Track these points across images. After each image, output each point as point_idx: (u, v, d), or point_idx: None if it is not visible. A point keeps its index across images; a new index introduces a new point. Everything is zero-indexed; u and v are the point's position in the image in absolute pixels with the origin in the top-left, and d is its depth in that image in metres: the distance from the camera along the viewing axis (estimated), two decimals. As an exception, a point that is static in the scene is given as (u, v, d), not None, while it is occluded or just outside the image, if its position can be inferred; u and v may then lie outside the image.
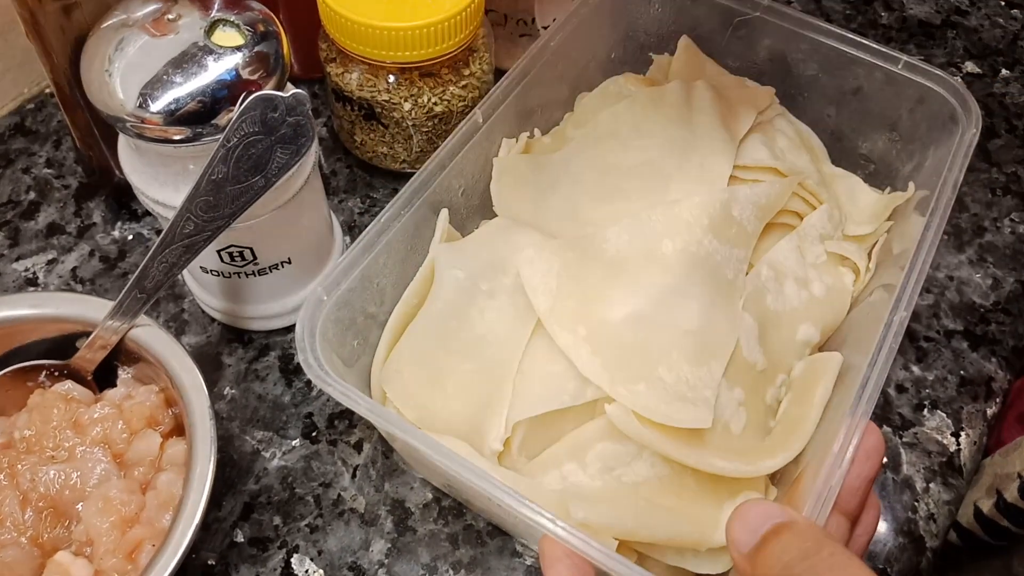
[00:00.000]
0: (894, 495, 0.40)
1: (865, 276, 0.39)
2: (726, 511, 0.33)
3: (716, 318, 0.34)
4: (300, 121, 0.33)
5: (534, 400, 0.33)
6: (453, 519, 0.38)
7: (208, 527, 0.38)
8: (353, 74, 0.44)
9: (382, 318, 0.37)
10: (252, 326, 0.43)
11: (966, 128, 0.38)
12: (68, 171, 0.50)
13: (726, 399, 0.34)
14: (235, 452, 0.40)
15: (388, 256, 0.35)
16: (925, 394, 0.43)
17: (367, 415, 0.30)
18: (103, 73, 0.33)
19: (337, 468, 0.40)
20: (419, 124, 0.45)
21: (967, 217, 0.50)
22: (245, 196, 0.33)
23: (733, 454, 0.33)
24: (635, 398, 0.32)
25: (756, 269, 0.37)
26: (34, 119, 0.53)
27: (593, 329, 0.33)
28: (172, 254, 0.34)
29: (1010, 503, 0.38)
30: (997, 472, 0.39)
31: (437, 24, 0.40)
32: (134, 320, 0.35)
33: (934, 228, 0.35)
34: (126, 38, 0.33)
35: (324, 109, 0.53)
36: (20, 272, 0.46)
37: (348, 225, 0.48)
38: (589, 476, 0.33)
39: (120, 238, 0.47)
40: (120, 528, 0.32)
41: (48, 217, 0.48)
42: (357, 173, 0.50)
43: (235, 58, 0.33)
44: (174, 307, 0.45)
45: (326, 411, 0.42)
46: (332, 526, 0.38)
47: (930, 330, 0.46)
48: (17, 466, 0.34)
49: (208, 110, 0.32)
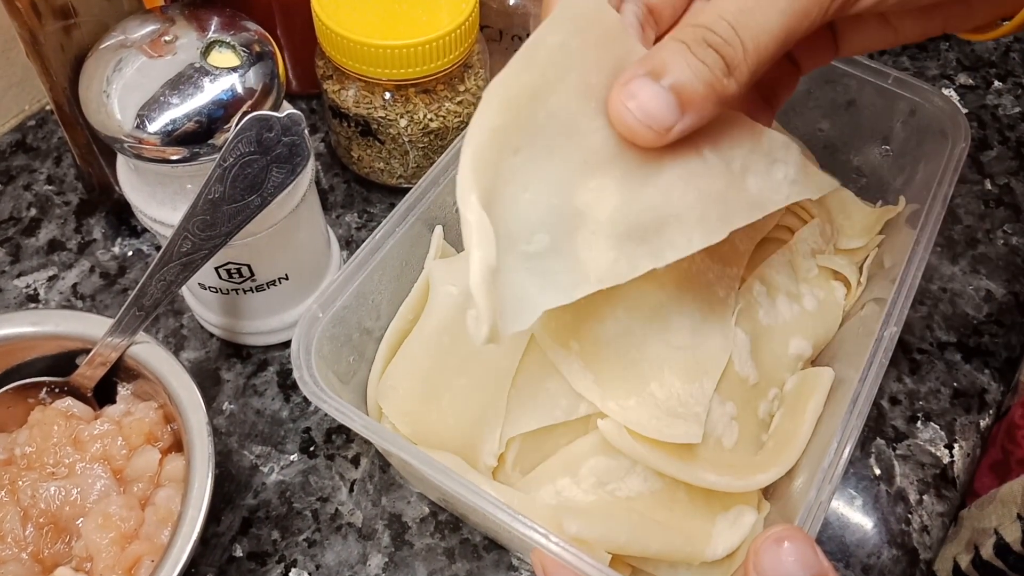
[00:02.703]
0: (888, 507, 0.41)
1: (856, 290, 0.40)
2: (719, 525, 0.33)
3: (708, 335, 0.34)
4: (295, 141, 0.33)
5: (528, 415, 0.33)
6: (450, 533, 0.39)
7: (207, 542, 0.38)
8: (349, 91, 0.44)
9: (378, 333, 0.37)
10: (250, 341, 0.44)
11: (955, 142, 0.39)
12: (69, 187, 0.51)
13: (718, 413, 0.34)
14: (234, 467, 0.40)
15: (383, 273, 0.36)
16: (918, 406, 0.44)
17: (362, 431, 0.31)
18: (101, 94, 0.33)
19: (335, 483, 0.40)
20: (415, 140, 0.46)
21: (960, 229, 0.51)
22: (242, 215, 0.34)
23: (725, 468, 0.33)
24: (626, 413, 0.32)
25: (748, 284, 0.38)
26: (35, 136, 0.53)
27: (586, 344, 0.34)
28: (170, 272, 0.34)
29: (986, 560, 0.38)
30: (974, 526, 0.39)
31: (432, 41, 0.41)
32: (133, 337, 0.36)
33: (924, 243, 0.35)
34: (124, 59, 0.34)
35: (321, 125, 0.54)
36: (21, 288, 0.47)
37: (345, 240, 0.49)
38: (583, 491, 0.33)
39: (120, 254, 0.48)
40: (120, 544, 0.33)
41: (49, 233, 0.49)
42: (354, 188, 0.51)
43: (231, 79, 0.33)
44: (173, 322, 0.45)
45: (324, 426, 0.42)
46: (330, 540, 0.39)
47: (923, 342, 0.46)
48: (18, 482, 0.34)
49: (205, 130, 0.33)
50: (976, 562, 0.38)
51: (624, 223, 0.27)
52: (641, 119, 0.26)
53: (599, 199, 0.26)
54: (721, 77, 0.25)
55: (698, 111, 0.26)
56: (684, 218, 0.28)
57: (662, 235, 0.27)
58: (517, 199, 0.26)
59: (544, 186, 0.26)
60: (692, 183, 0.28)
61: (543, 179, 0.26)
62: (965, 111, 0.57)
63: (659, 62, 0.25)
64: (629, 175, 0.27)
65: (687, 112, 0.25)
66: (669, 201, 0.27)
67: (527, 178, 0.26)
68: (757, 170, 0.30)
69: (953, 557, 0.40)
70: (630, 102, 0.26)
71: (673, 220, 0.27)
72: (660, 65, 0.25)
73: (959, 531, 0.41)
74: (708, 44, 0.25)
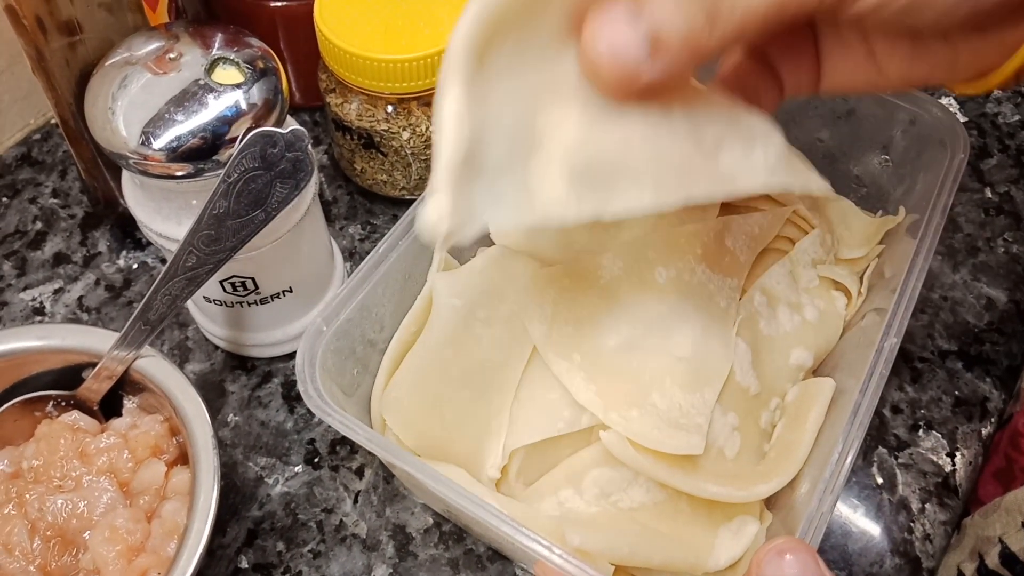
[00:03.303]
0: (890, 516, 0.41)
1: (857, 300, 0.40)
2: (721, 536, 0.33)
3: (709, 346, 0.35)
4: (299, 156, 0.33)
5: (531, 428, 0.34)
6: (454, 544, 0.39)
7: (213, 554, 0.39)
8: (352, 104, 0.45)
9: (381, 345, 0.37)
10: (255, 353, 0.44)
11: (955, 153, 0.39)
12: (74, 201, 0.51)
13: (720, 424, 0.34)
14: (239, 479, 0.41)
15: (386, 286, 0.36)
16: (920, 415, 0.44)
17: (366, 444, 0.31)
18: (107, 111, 0.34)
19: (339, 494, 0.40)
20: (417, 152, 0.46)
21: (961, 237, 0.51)
22: (246, 229, 0.34)
23: (727, 479, 0.33)
24: (628, 424, 0.32)
25: (749, 294, 0.38)
26: (40, 150, 0.54)
27: (588, 356, 0.34)
28: (175, 286, 0.35)
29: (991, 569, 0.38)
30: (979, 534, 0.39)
31: (434, 55, 0.41)
32: (139, 351, 0.36)
33: (924, 253, 0.36)
34: (129, 76, 0.34)
35: (325, 137, 0.54)
36: (27, 302, 0.47)
37: (349, 252, 0.49)
38: (586, 502, 0.33)
39: (125, 267, 0.48)
40: (126, 556, 0.33)
41: (54, 247, 0.49)
42: (357, 200, 0.51)
43: (235, 95, 0.34)
44: (179, 335, 0.46)
45: (328, 437, 0.42)
46: (334, 551, 0.39)
47: (924, 351, 0.46)
48: (25, 495, 0.35)
49: (209, 147, 0.33)
50: (981, 570, 0.38)
51: (578, 160, 0.25)
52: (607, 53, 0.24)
53: (559, 128, 0.25)
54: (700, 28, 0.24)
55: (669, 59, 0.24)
56: (639, 173, 0.26)
57: (614, 185, 0.26)
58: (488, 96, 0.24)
59: (515, 94, 0.24)
60: (653, 140, 0.26)
61: (516, 86, 0.24)
62: (965, 119, 0.57)
63: None
64: (591, 113, 0.25)
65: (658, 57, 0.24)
66: (627, 151, 0.26)
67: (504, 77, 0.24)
68: (732, 147, 0.28)
69: (957, 565, 0.40)
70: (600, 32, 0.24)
71: (627, 172, 0.26)
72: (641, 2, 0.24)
73: (962, 539, 0.41)
74: None
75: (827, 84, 0.31)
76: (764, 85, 0.32)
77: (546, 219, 0.24)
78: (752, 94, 0.32)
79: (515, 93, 0.24)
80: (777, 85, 0.32)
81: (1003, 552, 0.38)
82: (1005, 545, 0.38)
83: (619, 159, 0.25)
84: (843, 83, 0.31)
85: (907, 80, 0.29)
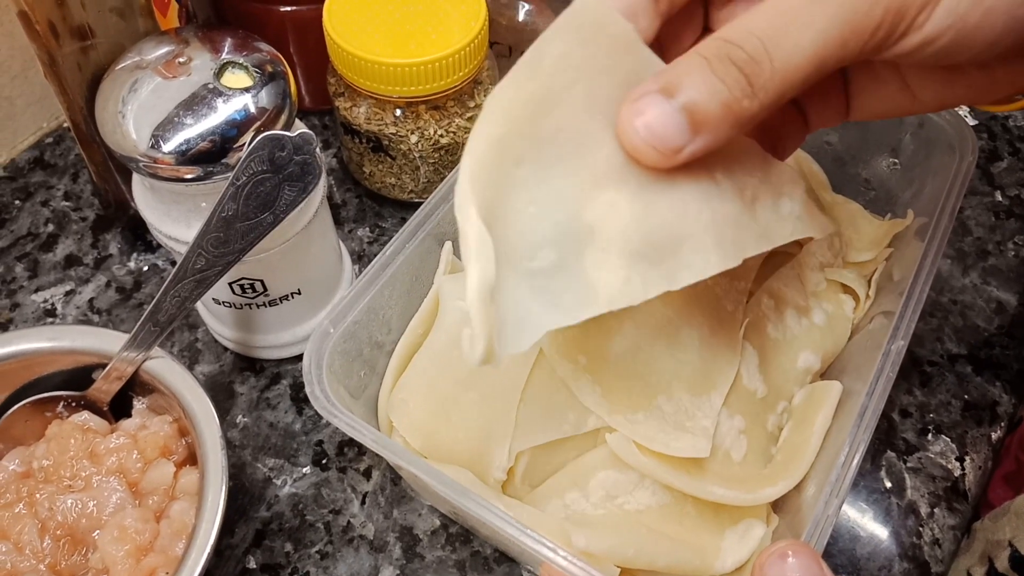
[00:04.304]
0: (899, 520, 0.41)
1: (865, 303, 0.40)
2: (728, 539, 0.33)
3: (716, 349, 0.35)
4: (307, 160, 0.34)
5: (537, 429, 0.34)
6: (460, 546, 0.39)
7: (221, 554, 0.39)
8: (361, 108, 0.45)
9: (388, 348, 0.38)
10: (264, 355, 0.44)
11: (963, 156, 0.39)
12: (85, 204, 0.52)
13: (727, 427, 0.34)
14: (247, 480, 0.41)
15: (393, 288, 0.36)
16: (929, 419, 0.44)
17: (372, 446, 0.31)
18: (117, 115, 0.34)
19: (347, 495, 0.41)
20: (426, 156, 0.46)
21: (970, 241, 0.51)
22: (254, 232, 0.34)
23: (734, 482, 0.33)
24: (634, 427, 0.32)
25: (756, 297, 0.38)
26: (52, 153, 0.54)
27: (594, 358, 0.34)
28: (184, 288, 0.35)
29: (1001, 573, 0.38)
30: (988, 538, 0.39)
31: (442, 59, 0.41)
32: (148, 352, 0.36)
33: (932, 256, 0.35)
34: (139, 80, 0.34)
35: (334, 140, 0.54)
36: (39, 303, 0.47)
37: (357, 254, 0.49)
38: (591, 504, 0.33)
39: (136, 269, 0.49)
40: (135, 556, 0.33)
41: (66, 249, 0.50)
42: (366, 203, 0.51)
43: (244, 99, 0.34)
44: (188, 336, 0.46)
45: (336, 439, 0.42)
46: (342, 552, 0.39)
47: (934, 354, 0.46)
48: (36, 495, 0.35)
49: (218, 150, 0.33)
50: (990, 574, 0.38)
51: (636, 240, 0.25)
52: (646, 139, 0.24)
53: (610, 215, 0.25)
54: (741, 98, 0.23)
55: (712, 133, 0.24)
56: (700, 239, 0.26)
57: (678, 255, 0.26)
58: (521, 213, 0.24)
59: (550, 200, 0.24)
60: (708, 204, 0.26)
61: (549, 192, 0.24)
62: (975, 123, 0.57)
63: (674, 78, 0.24)
64: (642, 190, 0.25)
65: (700, 134, 0.24)
66: (684, 220, 0.26)
67: (531, 191, 0.24)
68: (765, 202, 0.29)
69: (967, 569, 0.40)
70: (637, 120, 0.24)
71: (689, 240, 0.26)
72: (675, 81, 0.24)
73: (972, 543, 0.41)
74: (732, 61, 0.23)
75: (857, 115, 0.31)
76: (789, 122, 0.31)
77: (614, 305, 0.25)
78: (777, 133, 0.31)
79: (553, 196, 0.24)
80: (802, 120, 0.31)
81: (1013, 555, 0.37)
82: (1015, 548, 0.38)
83: (678, 230, 0.25)
84: (874, 113, 0.30)
85: (941, 104, 0.29)
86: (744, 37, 0.23)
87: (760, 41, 0.23)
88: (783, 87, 0.24)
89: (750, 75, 0.23)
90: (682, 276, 0.26)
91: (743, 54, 0.23)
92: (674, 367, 0.34)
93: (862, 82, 0.30)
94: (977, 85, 0.28)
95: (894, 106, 0.30)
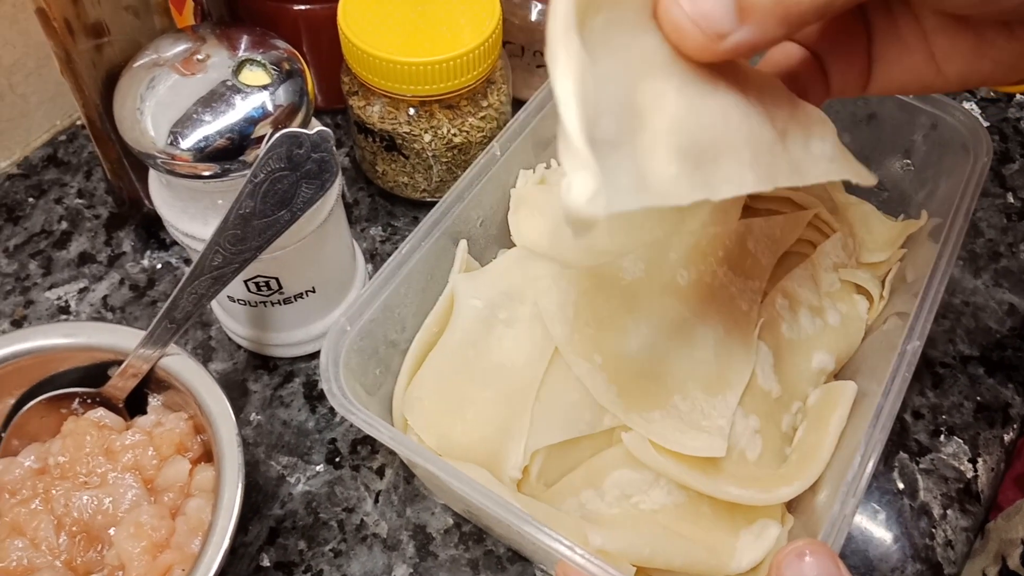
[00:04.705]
0: (911, 521, 0.41)
1: (879, 304, 0.40)
2: (743, 538, 0.33)
3: (731, 348, 0.35)
4: (324, 157, 0.34)
5: (552, 428, 0.34)
6: (474, 544, 0.39)
7: (235, 552, 0.39)
8: (375, 107, 0.45)
9: (403, 346, 0.38)
10: (277, 353, 0.44)
11: (978, 157, 0.39)
12: (99, 201, 0.52)
13: (742, 427, 0.34)
14: (260, 477, 0.41)
15: (409, 286, 0.36)
16: (941, 420, 0.44)
17: (389, 443, 0.31)
18: (135, 111, 0.34)
19: (360, 493, 0.41)
20: (439, 155, 0.46)
21: (982, 242, 0.51)
22: (272, 229, 0.34)
23: (749, 482, 0.33)
24: (650, 426, 0.32)
25: (770, 298, 0.38)
26: (66, 150, 0.54)
27: (609, 358, 0.34)
28: (201, 285, 0.35)
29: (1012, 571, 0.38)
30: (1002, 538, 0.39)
31: (456, 58, 0.42)
32: (164, 349, 0.36)
33: (946, 257, 0.35)
34: (157, 77, 0.34)
35: (347, 139, 0.54)
36: (53, 300, 0.47)
37: (370, 253, 0.49)
38: (606, 503, 0.33)
39: (149, 267, 0.49)
40: (151, 553, 0.33)
41: (79, 246, 0.50)
42: (378, 202, 0.52)
43: (262, 97, 0.34)
44: (202, 334, 0.46)
45: (349, 437, 0.42)
46: (355, 551, 0.39)
47: (946, 356, 0.46)
48: (52, 491, 0.35)
49: (236, 147, 0.33)
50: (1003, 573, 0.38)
51: (683, 136, 0.23)
52: (692, 14, 0.23)
53: (657, 104, 0.23)
54: None
55: (759, 24, 0.23)
56: (740, 152, 0.25)
57: (718, 164, 0.24)
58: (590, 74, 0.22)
59: (611, 66, 0.23)
60: (746, 120, 0.25)
61: (613, 56, 0.23)
62: (986, 124, 0.57)
63: None
64: (686, 86, 0.24)
65: (746, 23, 0.23)
66: (727, 127, 0.24)
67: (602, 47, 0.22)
68: (795, 138, 0.28)
69: (981, 570, 0.40)
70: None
71: (729, 150, 0.24)
72: None
73: (986, 544, 0.41)
74: None
75: (878, 85, 0.30)
76: (812, 82, 0.31)
77: (662, 200, 0.23)
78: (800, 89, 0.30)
79: (614, 67, 0.23)
80: (824, 83, 0.31)
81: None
82: None
83: (720, 136, 0.24)
84: (896, 84, 0.30)
85: (966, 80, 0.28)
86: None
87: None
88: None
89: None
90: (722, 188, 0.24)
91: None
92: (690, 366, 0.34)
93: (887, 47, 0.29)
94: (1004, 59, 0.27)
95: (916, 78, 0.29)
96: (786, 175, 0.26)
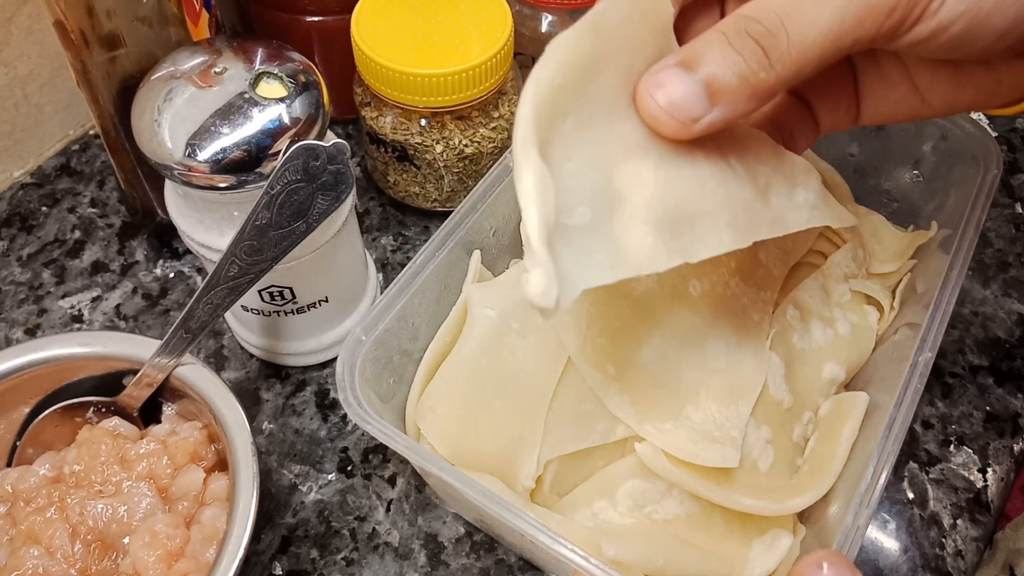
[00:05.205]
0: (921, 531, 0.41)
1: (890, 315, 0.40)
2: (755, 549, 0.33)
3: (743, 359, 0.35)
4: (340, 169, 0.34)
5: (565, 438, 0.34)
6: (485, 553, 0.39)
7: (248, 560, 0.39)
8: (387, 118, 0.45)
9: (416, 355, 0.38)
10: (289, 362, 0.45)
11: (987, 168, 0.39)
12: (112, 210, 0.52)
13: (753, 437, 0.34)
14: (273, 486, 0.41)
15: (423, 296, 0.37)
16: (951, 430, 0.44)
17: (405, 453, 0.31)
18: (152, 123, 0.34)
19: (372, 502, 0.41)
20: (450, 165, 0.46)
21: (991, 253, 0.51)
22: (287, 240, 0.34)
23: (761, 492, 0.33)
24: (663, 437, 0.32)
25: (781, 308, 0.38)
26: (79, 160, 0.55)
27: (622, 368, 0.34)
28: (217, 295, 0.35)
29: None
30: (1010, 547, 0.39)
31: (468, 70, 0.42)
32: (180, 359, 0.36)
33: (957, 268, 0.36)
34: (174, 89, 0.35)
35: (358, 149, 0.55)
36: (66, 309, 0.48)
37: (381, 262, 0.50)
38: (619, 513, 0.33)
39: (162, 276, 0.49)
40: (166, 561, 0.33)
41: (92, 255, 0.50)
42: (390, 212, 0.52)
43: (278, 109, 0.34)
44: (214, 343, 0.46)
45: (361, 445, 0.43)
46: (367, 559, 0.39)
47: (955, 366, 0.46)
48: (67, 500, 0.35)
49: (253, 159, 0.34)
50: None
51: (660, 209, 0.26)
52: (665, 107, 0.25)
53: (635, 183, 0.25)
54: (758, 70, 0.24)
55: (730, 104, 0.25)
56: (716, 216, 0.27)
57: (695, 229, 0.26)
58: (561, 167, 0.24)
59: (586, 159, 0.25)
60: (723, 184, 0.27)
61: (585, 152, 0.25)
62: (995, 134, 0.57)
63: (693, 53, 0.25)
64: (664, 163, 0.26)
65: (717, 104, 0.25)
66: (703, 195, 0.26)
67: (571, 147, 0.25)
68: (779, 190, 0.30)
69: None
70: (657, 91, 0.25)
71: (706, 216, 0.27)
72: (694, 56, 0.25)
73: (995, 554, 0.41)
74: (749, 34, 0.24)
75: (867, 118, 0.31)
76: (800, 123, 0.32)
77: (639, 270, 0.25)
78: (788, 134, 0.32)
79: (591, 158, 0.25)
80: (813, 123, 0.32)
81: None
82: None
83: (698, 204, 0.26)
84: (884, 115, 0.31)
85: (952, 107, 0.29)
86: (762, 12, 0.24)
87: (777, 15, 0.24)
88: (800, 61, 0.24)
89: (767, 48, 0.24)
90: (699, 250, 0.26)
91: (760, 27, 0.24)
92: (702, 377, 0.34)
93: (872, 84, 0.31)
94: (984, 87, 0.28)
95: (904, 109, 0.30)
96: (766, 228, 0.28)
